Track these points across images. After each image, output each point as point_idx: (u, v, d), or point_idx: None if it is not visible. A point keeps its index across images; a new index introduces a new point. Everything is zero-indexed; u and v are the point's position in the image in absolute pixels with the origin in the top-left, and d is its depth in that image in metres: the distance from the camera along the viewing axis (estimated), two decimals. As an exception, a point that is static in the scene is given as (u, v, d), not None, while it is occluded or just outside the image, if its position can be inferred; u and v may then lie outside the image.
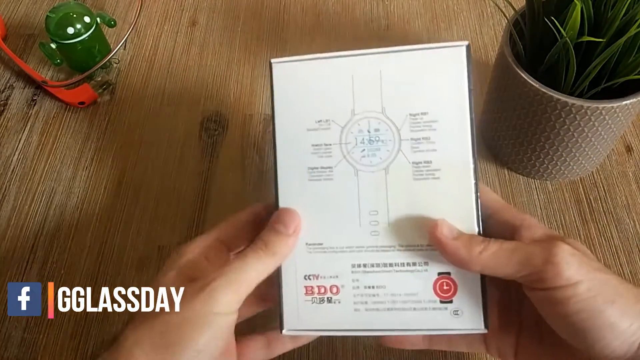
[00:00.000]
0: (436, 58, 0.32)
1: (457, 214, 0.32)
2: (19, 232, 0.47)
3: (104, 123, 0.54)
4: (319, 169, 0.33)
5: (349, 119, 0.33)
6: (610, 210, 0.46)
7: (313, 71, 0.33)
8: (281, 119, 0.33)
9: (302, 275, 0.33)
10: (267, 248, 0.31)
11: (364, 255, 0.33)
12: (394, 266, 0.32)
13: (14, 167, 0.51)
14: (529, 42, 0.43)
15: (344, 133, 0.33)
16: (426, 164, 0.32)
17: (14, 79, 0.58)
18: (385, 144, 0.33)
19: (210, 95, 0.56)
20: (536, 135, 0.43)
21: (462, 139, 0.32)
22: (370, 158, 0.33)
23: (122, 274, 0.45)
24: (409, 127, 0.32)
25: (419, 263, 0.32)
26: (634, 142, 0.50)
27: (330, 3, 0.63)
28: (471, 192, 0.32)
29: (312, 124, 0.33)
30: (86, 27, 0.54)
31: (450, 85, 0.32)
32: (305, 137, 0.33)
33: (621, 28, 0.38)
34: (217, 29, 0.61)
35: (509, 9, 0.44)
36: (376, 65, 0.33)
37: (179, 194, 0.49)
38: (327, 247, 0.33)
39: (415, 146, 0.32)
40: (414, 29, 0.60)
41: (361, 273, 0.33)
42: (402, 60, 0.33)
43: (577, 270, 0.28)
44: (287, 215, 0.32)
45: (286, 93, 0.33)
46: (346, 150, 0.33)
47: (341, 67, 0.33)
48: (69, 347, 0.42)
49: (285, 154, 0.33)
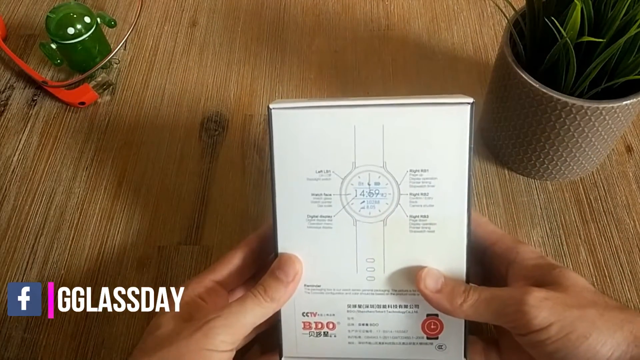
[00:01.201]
0: (439, 115, 0.32)
1: (448, 264, 0.33)
2: (19, 232, 0.47)
3: (104, 123, 0.54)
4: (319, 217, 0.34)
5: (349, 170, 0.33)
6: (610, 210, 0.46)
7: (314, 121, 0.33)
8: (281, 167, 0.33)
9: (301, 312, 0.35)
10: (266, 294, 0.32)
11: (359, 297, 0.34)
12: (387, 307, 0.34)
13: (14, 167, 0.51)
14: (529, 42, 0.43)
15: (344, 184, 0.33)
16: (423, 218, 0.33)
17: (14, 79, 0.58)
18: (384, 197, 0.33)
19: (211, 95, 0.56)
20: (536, 135, 0.43)
21: (459, 196, 0.33)
22: (369, 209, 0.33)
23: (122, 274, 0.45)
24: (408, 182, 0.33)
25: (410, 305, 0.34)
26: (634, 142, 0.50)
27: (330, 3, 0.63)
28: (463, 245, 0.33)
29: (312, 173, 0.33)
30: (86, 28, 0.54)
31: (452, 144, 0.32)
32: (305, 186, 0.33)
33: (621, 28, 0.38)
34: (217, 29, 0.61)
35: (509, 9, 0.44)
36: (379, 119, 0.32)
37: (179, 194, 0.49)
38: (325, 289, 0.34)
39: (413, 201, 0.33)
40: (414, 29, 0.60)
41: (356, 312, 0.35)
42: (405, 115, 0.32)
43: (549, 314, 0.29)
44: (287, 263, 0.33)
45: (286, 142, 0.33)
46: (346, 201, 0.33)
47: (343, 118, 0.33)
48: (69, 347, 0.42)
49: (284, 201, 0.34)
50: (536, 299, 0.29)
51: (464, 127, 0.32)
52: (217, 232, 0.47)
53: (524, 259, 0.33)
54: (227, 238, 0.46)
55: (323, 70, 0.57)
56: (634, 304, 0.42)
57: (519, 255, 0.33)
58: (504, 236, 0.35)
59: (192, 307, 0.33)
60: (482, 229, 0.35)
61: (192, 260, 0.45)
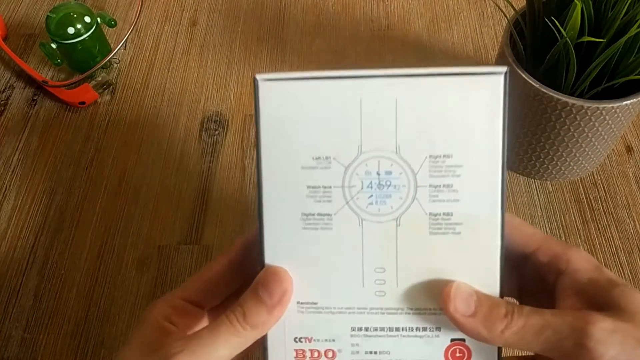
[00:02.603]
0: (466, 87, 0.26)
1: (477, 275, 0.27)
2: (19, 232, 0.47)
3: (104, 123, 0.54)
4: (316, 215, 0.27)
5: (354, 157, 0.27)
6: (610, 210, 0.46)
7: (311, 94, 0.27)
8: (269, 153, 0.27)
9: (292, 337, 0.28)
10: (245, 319, 0.26)
11: (366, 317, 0.28)
12: (401, 331, 0.28)
13: (14, 167, 0.52)
14: (529, 42, 0.43)
15: (347, 174, 0.27)
16: (446, 216, 0.27)
17: (14, 79, 0.58)
18: (397, 190, 0.27)
19: (211, 95, 0.56)
20: (536, 135, 0.43)
21: (491, 189, 0.26)
22: (379, 206, 0.27)
23: (122, 274, 0.45)
24: (427, 171, 0.27)
25: (430, 328, 0.28)
26: (634, 142, 0.50)
27: (330, 3, 0.63)
28: (496, 252, 0.27)
29: (308, 160, 0.27)
30: (86, 27, 0.54)
31: (482, 123, 0.26)
32: (299, 177, 0.27)
33: (621, 28, 0.38)
34: (217, 29, 0.61)
35: (509, 9, 0.44)
36: (391, 92, 0.26)
37: (179, 194, 0.49)
38: (323, 307, 0.28)
39: (434, 195, 0.27)
40: (414, 29, 0.60)
41: (362, 337, 0.28)
42: (423, 87, 0.26)
43: (619, 351, 0.23)
44: (273, 279, 0.27)
45: (276, 121, 0.27)
46: (350, 195, 0.27)
47: (347, 91, 0.27)
48: (69, 347, 0.42)
49: (273, 196, 0.27)
50: (603, 332, 0.23)
51: (497, 103, 0.26)
52: (217, 232, 0.47)
53: (577, 270, 0.27)
54: (227, 238, 0.46)
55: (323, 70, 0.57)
56: (634, 304, 0.42)
57: (570, 265, 0.27)
58: (548, 240, 0.28)
59: (161, 333, 0.27)
60: (517, 232, 0.29)
61: (192, 260, 0.45)
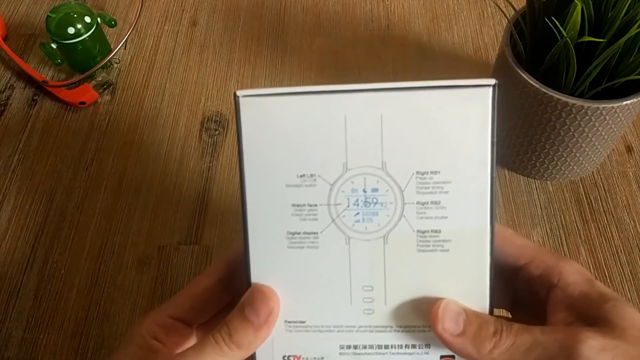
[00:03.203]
0: (454, 100, 0.26)
1: (466, 292, 0.27)
2: (19, 232, 0.47)
3: (104, 123, 0.54)
4: (302, 234, 0.27)
5: (340, 174, 0.27)
6: (610, 210, 0.46)
7: (294, 110, 0.26)
8: (252, 172, 0.27)
9: (281, 355, 0.28)
10: (231, 339, 0.25)
11: (354, 335, 0.28)
12: (390, 348, 0.28)
13: (15, 167, 0.52)
14: (529, 42, 0.43)
15: (333, 192, 0.27)
16: (434, 233, 0.27)
17: (14, 79, 0.58)
18: (384, 207, 0.27)
19: (211, 95, 0.56)
20: (536, 135, 0.43)
21: (480, 204, 0.26)
22: (366, 224, 0.27)
23: (122, 274, 0.45)
24: (415, 188, 0.26)
25: (419, 345, 0.28)
26: (635, 142, 0.50)
27: (330, 3, 0.63)
28: (485, 268, 0.27)
29: (292, 178, 0.27)
30: (87, 27, 0.54)
31: (470, 138, 0.26)
32: (284, 195, 0.27)
33: (621, 28, 0.38)
34: (217, 29, 0.61)
35: (510, 9, 0.44)
36: (376, 107, 0.26)
37: (179, 194, 0.49)
38: (311, 326, 0.28)
39: (421, 212, 0.27)
40: (415, 29, 0.60)
41: (351, 355, 0.28)
42: (409, 101, 0.26)
43: None
44: (259, 298, 0.26)
45: (259, 138, 0.26)
46: (336, 213, 0.27)
47: (331, 106, 0.26)
48: (69, 347, 0.42)
49: (258, 214, 0.27)
50: (592, 350, 0.23)
51: (485, 116, 0.26)
52: (217, 232, 0.47)
53: (569, 283, 0.26)
54: (227, 238, 0.46)
55: (323, 70, 0.57)
56: (634, 303, 0.42)
57: (562, 278, 0.27)
58: (540, 252, 0.28)
59: (148, 352, 0.27)
60: (509, 243, 0.28)
61: (192, 260, 0.45)
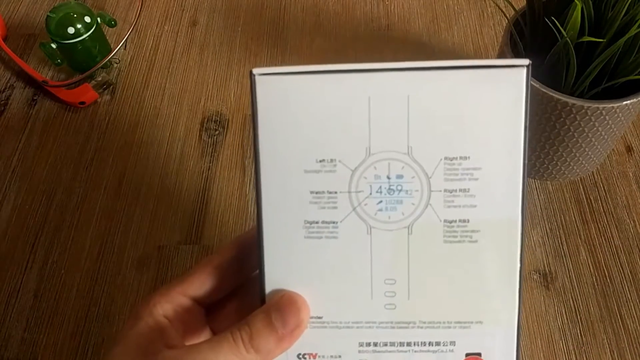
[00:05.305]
0: (485, 81, 0.24)
1: (494, 285, 0.26)
2: (19, 232, 0.47)
3: (104, 123, 0.54)
4: (320, 223, 0.26)
5: (362, 159, 0.25)
6: (610, 210, 0.46)
7: (313, 90, 0.25)
8: (268, 156, 0.26)
9: (296, 353, 0.27)
10: (250, 342, 0.24)
11: (375, 332, 0.26)
12: (413, 345, 0.26)
13: (14, 167, 0.51)
14: (529, 42, 0.43)
15: (354, 178, 0.25)
16: (462, 223, 0.25)
17: (14, 79, 0.58)
18: (409, 195, 0.25)
19: (211, 95, 0.56)
20: (536, 135, 0.43)
21: (511, 193, 0.25)
22: (389, 212, 0.25)
23: (122, 274, 0.45)
24: (442, 174, 0.25)
25: (444, 343, 0.26)
26: (635, 142, 0.50)
27: (330, 3, 0.63)
28: (516, 261, 0.25)
29: (311, 163, 0.25)
30: (87, 27, 0.54)
31: (502, 121, 0.24)
32: (301, 181, 0.25)
33: (622, 28, 0.38)
34: (217, 29, 0.61)
35: (510, 9, 0.44)
36: (402, 88, 0.24)
37: (179, 194, 0.49)
38: (329, 322, 0.26)
39: (449, 200, 0.25)
40: (414, 29, 0.60)
41: (370, 353, 0.27)
42: (438, 82, 0.24)
43: None
44: (290, 307, 0.25)
45: (275, 120, 0.25)
46: (357, 201, 0.25)
47: (354, 86, 0.24)
48: (69, 347, 0.42)
49: (273, 202, 0.26)
50: None
51: (519, 99, 0.24)
52: (217, 231, 0.47)
53: None
54: (227, 238, 0.46)
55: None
56: (634, 303, 0.42)
57: None
58: None
59: (158, 333, 0.25)
60: None
61: (192, 259, 0.45)
